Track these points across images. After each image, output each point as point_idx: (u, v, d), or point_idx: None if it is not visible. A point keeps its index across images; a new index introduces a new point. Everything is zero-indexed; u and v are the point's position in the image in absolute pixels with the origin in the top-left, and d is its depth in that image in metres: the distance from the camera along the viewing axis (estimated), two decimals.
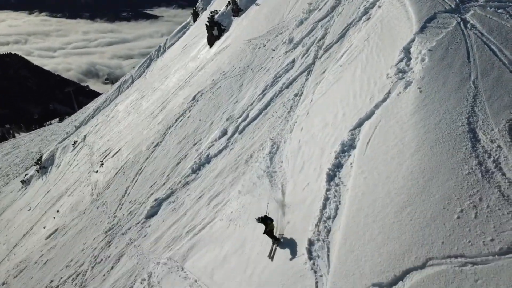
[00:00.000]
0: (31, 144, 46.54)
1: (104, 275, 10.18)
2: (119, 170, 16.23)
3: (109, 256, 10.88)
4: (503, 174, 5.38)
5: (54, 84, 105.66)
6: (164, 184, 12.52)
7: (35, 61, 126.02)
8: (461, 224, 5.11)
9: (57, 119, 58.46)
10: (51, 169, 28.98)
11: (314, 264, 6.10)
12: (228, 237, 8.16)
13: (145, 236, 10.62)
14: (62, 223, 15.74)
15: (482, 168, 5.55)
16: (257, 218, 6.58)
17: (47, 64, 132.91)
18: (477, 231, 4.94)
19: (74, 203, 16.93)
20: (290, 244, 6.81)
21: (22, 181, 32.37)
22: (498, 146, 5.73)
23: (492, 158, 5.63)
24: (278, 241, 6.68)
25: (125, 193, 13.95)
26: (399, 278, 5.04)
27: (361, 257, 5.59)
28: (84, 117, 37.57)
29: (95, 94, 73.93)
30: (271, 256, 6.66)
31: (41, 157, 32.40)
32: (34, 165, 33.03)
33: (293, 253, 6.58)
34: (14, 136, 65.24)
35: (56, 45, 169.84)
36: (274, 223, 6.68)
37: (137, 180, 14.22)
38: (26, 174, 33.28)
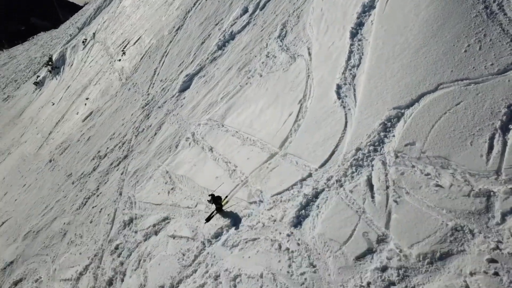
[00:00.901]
0: (29, 53, 45.96)
1: (148, 140, 11.59)
2: (144, 55, 17.11)
3: (150, 126, 12.22)
4: (505, 14, 6.41)
5: None
6: (192, 62, 13.51)
7: None
8: (467, 55, 6.25)
9: (42, 32, 56.41)
10: (63, 68, 29.49)
11: (342, 102, 7.35)
12: (262, 96, 9.38)
13: (181, 106, 11.86)
14: (95, 107, 17.05)
15: (488, 11, 6.57)
16: (208, 199, 7.18)
17: None
18: (480, 59, 6.11)
19: (103, 89, 18.08)
20: (320, 91, 8.06)
21: (35, 83, 32.96)
22: None
23: (496, 2, 6.62)
24: (221, 212, 7.22)
25: (154, 73, 15.00)
26: (415, 101, 6.30)
27: (383, 90, 6.81)
28: (85, 18, 36.90)
29: (76, 7, 70.14)
30: (208, 219, 7.30)
31: (51, 58, 32.65)
32: (45, 66, 33.36)
33: (323, 97, 7.84)
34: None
35: None
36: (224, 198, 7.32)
37: (164, 61, 15.18)
38: (37, 76, 33.69)
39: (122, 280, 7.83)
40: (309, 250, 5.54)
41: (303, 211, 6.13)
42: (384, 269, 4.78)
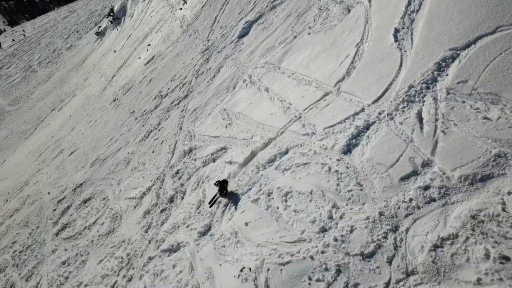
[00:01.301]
0: (88, 6, 47.53)
1: (207, 82, 12.31)
2: (205, 4, 17.71)
3: (209, 69, 12.92)
4: None
5: None
6: (251, 10, 13.95)
7: None
8: None
9: None
10: (124, 19, 30.66)
11: (399, 44, 7.62)
12: (319, 41, 9.73)
13: (240, 51, 12.42)
14: (157, 52, 18.00)
15: None
16: (215, 183, 7.61)
17: None
18: None
19: (164, 36, 18.96)
20: (377, 35, 8.33)
21: (97, 33, 34.49)
22: None
23: None
24: (223, 196, 7.57)
25: (215, 21, 15.62)
26: (472, 42, 6.51)
27: (441, 33, 7.03)
28: None
29: None
30: (211, 203, 7.65)
31: (112, 10, 33.86)
32: (106, 17, 34.69)
33: (380, 41, 8.12)
34: (53, 9, 66.04)
35: None
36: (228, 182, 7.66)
37: (224, 9, 15.73)
38: (99, 27, 35.20)
39: (182, 198, 8.74)
40: (357, 172, 6.06)
41: (353, 140, 6.61)
42: (426, 188, 5.24)
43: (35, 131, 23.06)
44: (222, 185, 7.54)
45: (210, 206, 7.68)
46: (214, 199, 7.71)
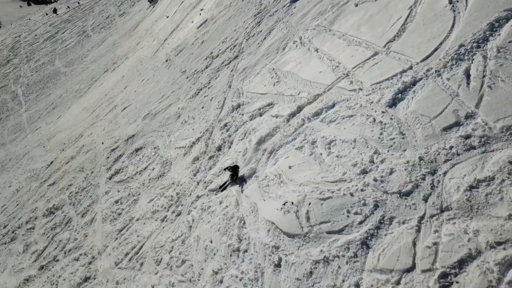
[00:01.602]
0: None
1: (258, 43, 12.68)
2: None
3: (260, 31, 13.26)
4: None
5: None
6: None
7: None
8: None
9: None
10: None
11: (453, 6, 7.66)
12: (371, 5, 9.82)
13: (291, 14, 12.66)
14: (210, 16, 18.53)
15: None
16: (227, 167, 7.89)
17: None
18: None
19: (218, 0, 19.46)
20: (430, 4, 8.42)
21: (150, 0, 35.46)
22: None
23: None
24: (234, 183, 7.80)
25: None
26: None
27: None
28: None
29: None
30: (222, 188, 8.00)
31: None
32: None
33: (434, 3, 8.18)
34: None
35: None
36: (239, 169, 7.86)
37: None
38: None
39: (230, 147, 9.29)
40: (401, 123, 6.34)
41: (399, 95, 6.85)
42: (467, 137, 5.47)
43: (89, 90, 24.36)
44: (234, 170, 7.90)
45: (222, 191, 8.10)
46: (225, 185, 8.12)
